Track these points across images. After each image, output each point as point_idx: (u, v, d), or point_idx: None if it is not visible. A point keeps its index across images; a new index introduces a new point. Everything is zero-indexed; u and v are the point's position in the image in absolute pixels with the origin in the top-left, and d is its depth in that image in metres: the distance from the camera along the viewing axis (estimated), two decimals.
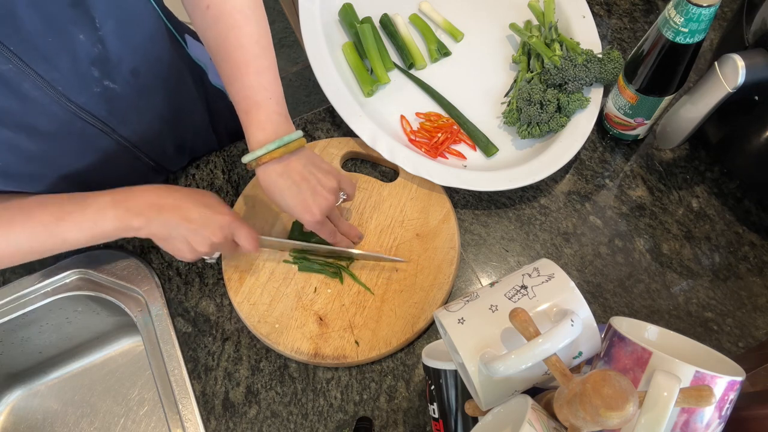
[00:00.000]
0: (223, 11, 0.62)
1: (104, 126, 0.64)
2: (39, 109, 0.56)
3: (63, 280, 0.77)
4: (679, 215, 0.77)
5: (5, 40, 0.50)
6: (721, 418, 0.45)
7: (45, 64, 0.54)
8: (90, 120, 0.62)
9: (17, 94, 0.53)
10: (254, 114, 0.62)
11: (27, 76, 0.53)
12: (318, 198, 0.64)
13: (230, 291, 0.73)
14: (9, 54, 0.51)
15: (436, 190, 0.78)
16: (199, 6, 0.63)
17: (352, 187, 0.70)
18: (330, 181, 0.65)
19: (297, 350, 0.70)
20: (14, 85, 0.53)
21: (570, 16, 0.87)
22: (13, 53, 0.51)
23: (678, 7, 0.60)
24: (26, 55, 0.52)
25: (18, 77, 0.52)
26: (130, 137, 0.70)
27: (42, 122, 0.58)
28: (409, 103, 0.85)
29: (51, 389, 0.91)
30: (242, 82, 0.62)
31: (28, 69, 0.53)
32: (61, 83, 0.56)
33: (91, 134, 0.64)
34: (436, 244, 0.74)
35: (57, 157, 0.63)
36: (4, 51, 0.50)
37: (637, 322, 0.54)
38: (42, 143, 0.60)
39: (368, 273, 0.73)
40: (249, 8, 0.63)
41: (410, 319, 0.70)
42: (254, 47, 0.63)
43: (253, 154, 0.62)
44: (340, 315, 0.71)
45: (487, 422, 0.50)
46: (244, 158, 0.63)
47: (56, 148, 0.62)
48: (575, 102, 0.78)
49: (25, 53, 0.52)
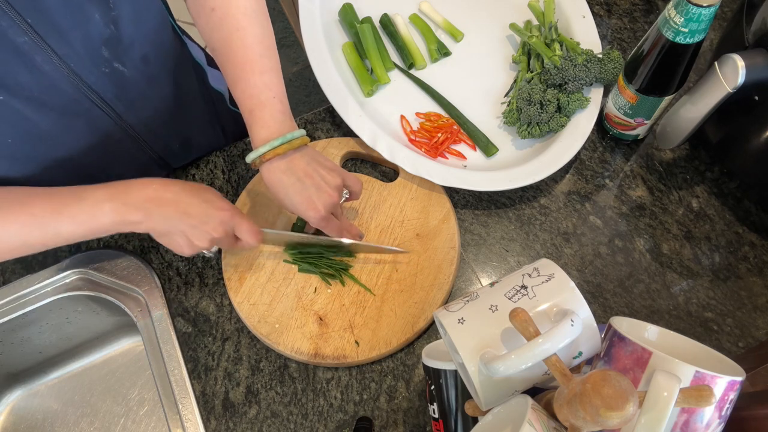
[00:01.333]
0: (228, 13, 0.63)
1: (111, 110, 0.65)
2: (49, 84, 0.57)
3: (63, 280, 0.77)
4: (679, 215, 0.77)
5: (23, 13, 0.51)
6: (721, 418, 0.45)
7: (59, 39, 0.55)
8: (97, 101, 0.63)
9: (30, 67, 0.54)
10: (258, 113, 0.63)
11: (41, 49, 0.54)
12: (322, 194, 0.64)
13: (230, 291, 0.73)
14: (26, 26, 0.52)
15: (436, 190, 0.78)
16: (204, 8, 0.64)
17: (358, 185, 0.70)
18: (334, 178, 0.65)
19: (297, 350, 0.70)
20: (28, 57, 0.54)
21: (570, 16, 0.87)
22: (29, 26, 0.52)
23: (678, 7, 0.60)
24: (42, 29, 0.53)
25: (32, 50, 0.54)
26: (135, 125, 0.70)
27: (51, 98, 0.58)
28: (409, 103, 0.85)
29: (51, 389, 0.91)
30: (246, 81, 0.63)
31: (43, 42, 0.54)
32: (72, 59, 0.57)
33: (96, 116, 0.64)
34: (436, 244, 0.74)
35: (62, 137, 0.63)
36: (21, 23, 0.51)
37: (637, 322, 0.54)
38: (49, 120, 0.60)
39: (368, 273, 0.73)
40: (253, 10, 0.64)
41: (410, 319, 0.70)
42: (258, 47, 0.64)
43: (256, 151, 0.62)
44: (340, 315, 0.71)
45: (487, 422, 0.50)
46: (248, 156, 0.63)
47: (62, 127, 0.62)
48: (575, 102, 0.78)
49: (40, 26, 0.53)
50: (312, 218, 0.65)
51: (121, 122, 0.68)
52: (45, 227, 0.58)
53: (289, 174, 0.63)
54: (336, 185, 0.65)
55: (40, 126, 0.60)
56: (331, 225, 0.67)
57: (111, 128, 0.67)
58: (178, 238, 0.62)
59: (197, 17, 0.66)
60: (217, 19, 0.64)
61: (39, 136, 0.61)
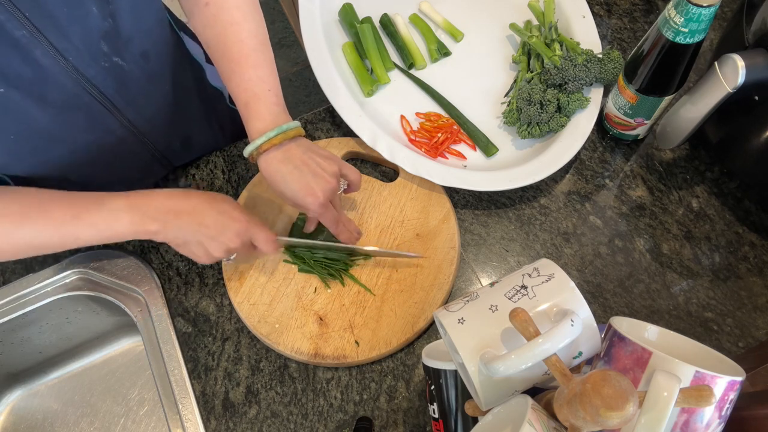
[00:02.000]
0: (222, 8, 0.65)
1: (111, 105, 0.65)
2: (49, 78, 0.57)
3: (63, 280, 0.77)
4: (679, 215, 0.77)
5: (21, 6, 0.51)
6: (721, 418, 0.45)
7: (57, 33, 0.55)
8: (97, 96, 0.63)
9: (29, 61, 0.55)
10: (254, 106, 0.64)
11: (39, 43, 0.54)
12: (320, 180, 0.64)
13: (230, 291, 0.73)
14: (23, 19, 0.52)
15: (436, 190, 0.78)
16: (198, 4, 0.65)
17: (356, 174, 0.70)
18: (330, 165, 0.66)
19: (297, 350, 0.70)
20: (27, 51, 0.54)
21: (570, 16, 0.87)
22: (27, 19, 0.52)
23: (678, 7, 0.60)
24: (40, 22, 0.53)
25: (31, 43, 0.54)
26: (136, 121, 0.70)
27: (51, 92, 0.59)
28: (409, 103, 0.85)
29: (51, 389, 0.91)
30: (241, 75, 0.64)
31: (41, 36, 0.54)
32: (71, 53, 0.57)
33: (96, 111, 0.64)
34: (436, 244, 0.74)
35: (63, 133, 0.64)
36: (19, 16, 0.51)
37: (637, 322, 0.54)
38: (49, 115, 0.60)
39: (368, 273, 0.73)
40: (246, 5, 0.66)
41: (410, 319, 0.70)
42: (252, 41, 0.65)
43: (253, 143, 0.63)
44: (340, 315, 0.71)
45: (487, 422, 0.50)
46: (246, 150, 0.64)
47: (62, 122, 0.62)
48: (575, 102, 0.78)
49: (39, 20, 0.53)
50: (311, 204, 0.65)
51: (122, 118, 0.68)
52: (64, 231, 0.60)
53: (286, 163, 0.64)
54: (333, 172, 0.66)
55: (40, 121, 0.60)
56: (329, 214, 0.67)
57: (112, 124, 0.68)
58: (195, 248, 0.64)
59: (191, 13, 0.67)
60: (211, 15, 0.65)
61: (39, 132, 0.61)
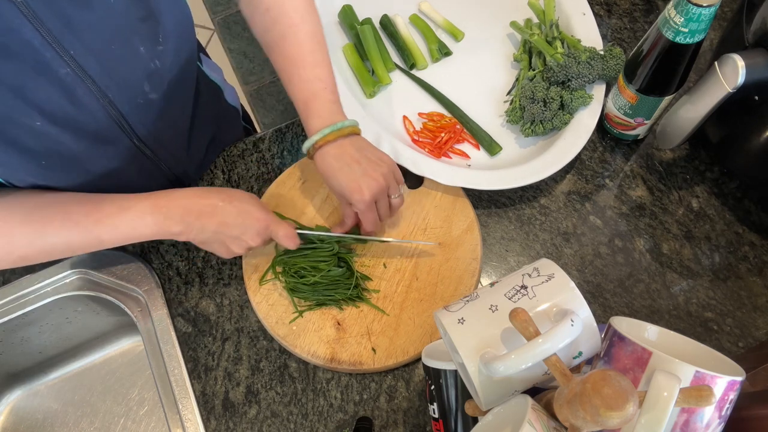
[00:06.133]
0: (282, 12, 0.68)
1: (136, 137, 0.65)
2: (87, 113, 0.58)
3: (63, 280, 0.77)
4: (679, 215, 0.77)
5: (67, 45, 0.52)
6: (721, 418, 0.45)
7: (101, 72, 0.56)
8: (126, 129, 0.63)
9: (71, 97, 0.55)
10: (312, 104, 0.67)
11: (82, 81, 0.55)
12: (368, 179, 0.65)
13: (249, 291, 0.73)
14: (68, 58, 0.53)
15: (460, 198, 0.77)
16: (259, 9, 0.68)
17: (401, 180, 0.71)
18: (381, 166, 0.67)
19: (314, 354, 0.69)
20: (70, 88, 0.55)
21: (570, 14, 0.87)
22: (73, 58, 0.53)
23: (678, 7, 0.60)
24: (85, 61, 0.54)
25: (74, 81, 0.54)
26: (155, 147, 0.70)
27: (88, 126, 0.59)
28: (412, 103, 0.84)
29: (51, 389, 0.91)
30: (300, 75, 0.68)
31: (85, 75, 0.55)
32: (112, 91, 0.58)
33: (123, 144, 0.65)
34: (458, 254, 0.74)
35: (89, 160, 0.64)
36: (64, 55, 0.52)
37: (637, 322, 0.54)
38: (82, 146, 0.61)
39: (388, 281, 0.73)
40: (304, 8, 0.69)
41: (429, 329, 0.70)
42: (310, 43, 0.68)
43: (310, 140, 0.66)
44: (358, 321, 0.71)
45: (487, 422, 0.50)
46: (304, 145, 0.67)
47: (92, 151, 0.63)
48: (578, 99, 0.78)
49: (83, 59, 0.54)
50: (357, 201, 0.66)
51: (144, 147, 0.68)
52: (87, 234, 0.61)
53: (338, 159, 0.66)
54: (383, 173, 0.66)
55: (73, 149, 0.60)
56: (370, 214, 0.68)
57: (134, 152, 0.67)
58: (217, 246, 0.67)
59: (251, 18, 0.70)
60: (271, 19, 0.68)
61: (71, 158, 0.61)
